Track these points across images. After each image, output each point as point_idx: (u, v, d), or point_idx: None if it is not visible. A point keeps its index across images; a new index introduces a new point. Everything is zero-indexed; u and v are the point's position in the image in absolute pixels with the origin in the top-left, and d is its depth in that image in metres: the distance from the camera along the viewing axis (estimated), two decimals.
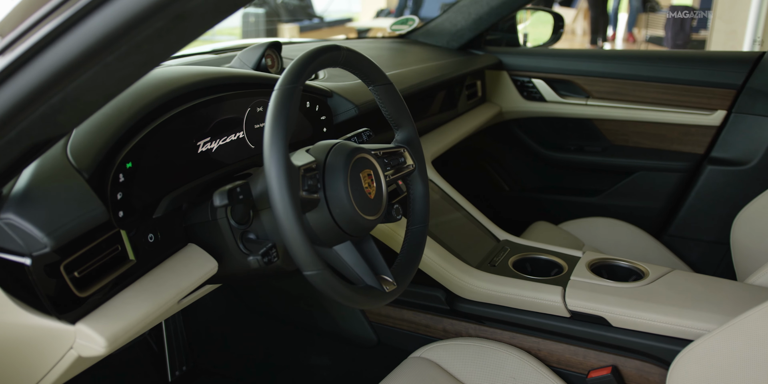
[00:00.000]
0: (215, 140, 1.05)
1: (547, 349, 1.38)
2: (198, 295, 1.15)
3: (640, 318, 1.28)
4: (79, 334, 0.82)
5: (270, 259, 0.93)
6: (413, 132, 1.14)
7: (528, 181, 2.55)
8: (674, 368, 1.11)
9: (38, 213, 0.75)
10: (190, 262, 0.99)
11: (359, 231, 0.98)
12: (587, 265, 1.45)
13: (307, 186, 0.88)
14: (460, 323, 1.47)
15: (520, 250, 1.57)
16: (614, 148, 2.32)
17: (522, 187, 2.55)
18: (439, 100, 2.02)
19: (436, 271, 1.45)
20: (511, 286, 1.40)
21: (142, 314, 0.87)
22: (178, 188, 0.98)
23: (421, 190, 1.14)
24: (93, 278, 0.86)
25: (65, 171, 0.81)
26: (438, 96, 2.00)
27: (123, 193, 0.87)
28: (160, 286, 0.92)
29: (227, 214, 0.98)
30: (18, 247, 0.75)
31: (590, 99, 2.23)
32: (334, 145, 0.97)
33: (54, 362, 0.86)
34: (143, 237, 0.94)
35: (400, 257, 1.10)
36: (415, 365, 1.32)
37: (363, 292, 0.95)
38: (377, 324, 1.59)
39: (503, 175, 2.56)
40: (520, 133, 2.46)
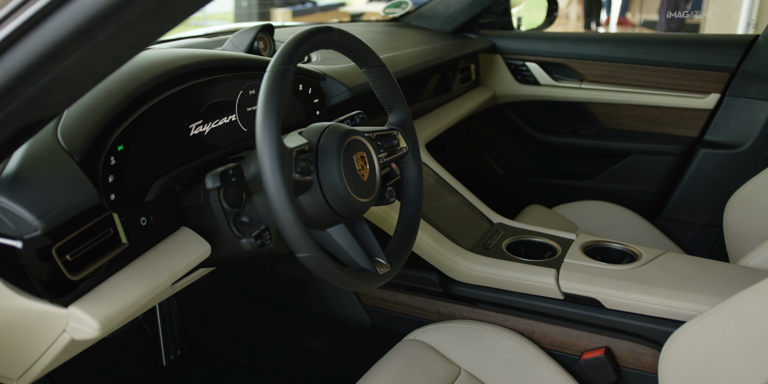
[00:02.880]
0: (207, 123, 1.04)
1: (540, 331, 1.39)
2: (192, 278, 1.15)
3: (633, 300, 1.29)
4: (71, 317, 0.82)
5: (263, 242, 0.92)
6: (406, 114, 1.14)
7: (522, 165, 2.55)
8: (666, 349, 1.11)
9: (29, 196, 0.74)
10: (183, 245, 0.98)
11: (352, 213, 0.98)
12: (581, 247, 1.46)
13: (300, 168, 0.88)
14: (454, 306, 1.48)
15: (513, 232, 1.57)
16: (608, 131, 2.32)
17: (516, 171, 2.55)
18: (432, 84, 2.01)
19: (429, 253, 1.45)
20: (505, 268, 1.40)
21: (135, 297, 0.87)
22: (170, 171, 0.97)
23: (415, 173, 1.14)
24: (85, 261, 0.85)
25: (56, 154, 0.80)
26: (432, 80, 2.00)
27: (114, 175, 0.86)
28: (152, 269, 0.92)
29: (220, 197, 0.98)
30: (9, 230, 0.75)
31: (584, 82, 2.23)
32: (326, 128, 0.97)
33: (47, 345, 0.86)
34: (135, 220, 0.93)
35: (394, 240, 1.10)
36: (409, 347, 1.32)
37: (356, 274, 0.95)
38: (371, 307, 1.59)
39: (497, 159, 2.56)
40: (514, 117, 2.46)
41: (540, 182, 2.46)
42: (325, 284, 1.65)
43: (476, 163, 2.58)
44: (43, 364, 0.90)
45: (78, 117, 0.85)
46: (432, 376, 1.25)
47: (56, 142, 0.81)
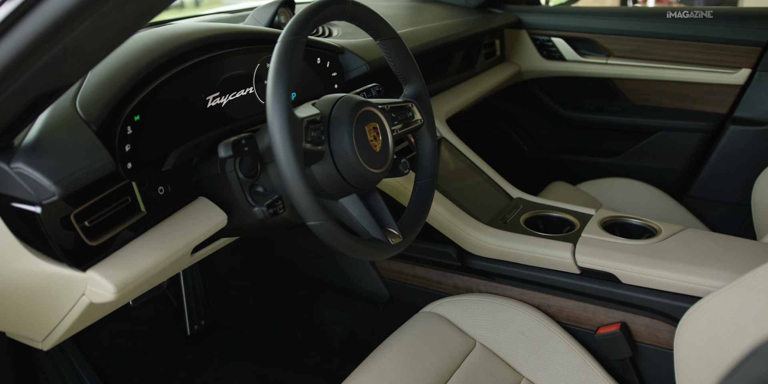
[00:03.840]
0: (224, 95, 1.06)
1: (556, 305, 1.39)
2: (212, 248, 1.18)
3: (650, 275, 1.28)
4: (89, 281, 0.85)
5: (276, 211, 0.94)
6: (421, 87, 1.14)
7: (547, 142, 2.53)
8: (683, 324, 1.11)
9: (47, 162, 0.77)
10: (199, 215, 1.01)
11: (364, 184, 0.99)
12: (599, 222, 1.45)
13: (311, 137, 0.89)
14: (471, 279, 1.49)
15: (532, 207, 1.57)
16: (635, 107, 2.29)
17: (541, 148, 2.53)
18: (457, 60, 2.00)
19: (447, 227, 1.46)
20: (522, 242, 1.41)
21: (151, 263, 0.90)
22: (187, 142, 0.99)
23: (429, 145, 1.15)
24: (103, 228, 0.88)
25: (74, 123, 0.83)
26: (456, 56, 1.99)
27: (131, 145, 0.89)
28: (169, 236, 0.95)
29: (236, 167, 1.00)
30: (29, 196, 0.78)
31: (611, 58, 2.20)
32: (339, 99, 0.98)
33: (68, 308, 0.90)
34: (153, 189, 0.96)
35: (407, 211, 1.11)
36: (425, 319, 1.34)
37: (368, 243, 0.97)
38: (390, 280, 1.61)
39: (522, 135, 2.55)
40: (539, 93, 2.44)
41: (565, 159, 2.45)
42: (345, 257, 1.67)
43: (501, 140, 2.57)
44: (65, 327, 0.93)
45: (96, 88, 0.87)
46: (447, 348, 1.26)
47: (74, 111, 0.84)
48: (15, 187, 0.78)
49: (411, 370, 1.19)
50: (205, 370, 1.80)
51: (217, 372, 1.79)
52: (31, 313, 0.93)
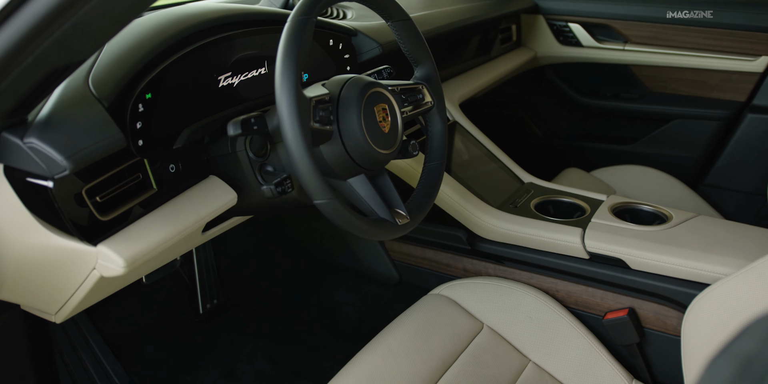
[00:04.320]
0: (236, 75, 1.07)
1: (565, 290, 1.40)
2: (224, 227, 1.19)
3: (659, 261, 1.28)
4: (100, 255, 0.87)
5: (284, 189, 0.95)
6: (432, 69, 1.15)
7: (561, 128, 2.52)
8: (690, 311, 1.11)
9: (59, 138, 0.79)
10: (210, 193, 1.02)
11: (373, 164, 1.00)
12: (610, 208, 1.45)
13: (319, 117, 0.90)
14: (480, 263, 1.50)
15: (543, 192, 1.57)
16: (651, 95, 2.27)
17: (555, 134, 2.52)
18: (472, 45, 2.00)
19: (457, 210, 1.47)
20: (532, 226, 1.41)
21: (161, 239, 0.91)
22: (199, 121, 1.01)
23: (439, 128, 1.15)
24: (114, 204, 0.90)
25: (86, 99, 0.84)
26: (472, 40, 1.98)
27: (142, 122, 0.90)
28: (179, 213, 0.96)
29: (246, 146, 1.01)
30: (41, 171, 0.79)
31: (628, 44, 2.18)
32: (349, 79, 0.99)
33: (79, 282, 0.92)
34: (165, 167, 0.97)
35: (416, 192, 1.12)
36: (433, 301, 1.35)
37: (375, 223, 0.98)
38: (399, 262, 1.62)
39: (537, 121, 2.54)
40: (555, 79, 2.42)
41: (580, 146, 2.44)
42: (355, 239, 1.68)
43: (516, 126, 2.57)
44: (76, 300, 0.95)
45: (109, 65, 0.89)
46: (454, 330, 1.27)
47: (87, 88, 0.85)
48: (28, 161, 0.80)
49: (417, 350, 1.20)
50: (216, 347, 1.83)
51: (227, 350, 1.82)
52: (44, 287, 0.96)
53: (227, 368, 1.76)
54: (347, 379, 1.12)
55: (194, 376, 1.72)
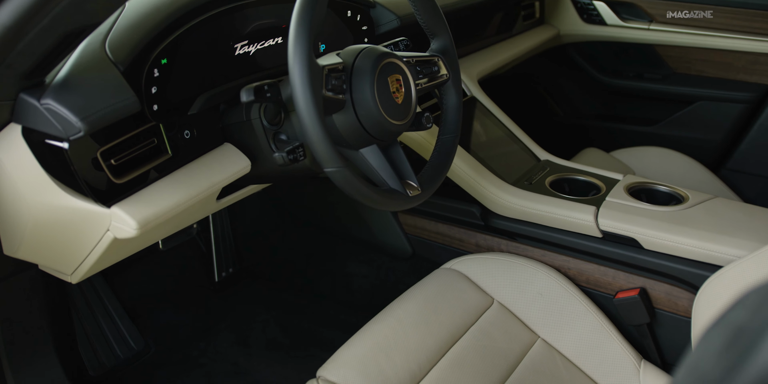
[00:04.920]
0: (253, 44, 1.07)
1: (576, 268, 1.40)
2: (239, 196, 1.21)
3: (672, 241, 1.27)
4: (114, 216, 0.88)
5: (296, 157, 0.96)
6: (449, 41, 1.14)
7: (582, 107, 2.50)
8: (702, 293, 1.11)
9: (74, 99, 0.80)
10: (224, 159, 1.03)
11: (385, 135, 1.00)
12: (625, 187, 1.44)
13: (331, 85, 0.90)
14: (493, 239, 1.50)
15: (559, 170, 1.56)
16: (676, 76, 2.24)
17: (576, 113, 2.50)
18: (495, 21, 1.98)
19: (472, 186, 1.47)
20: (545, 203, 1.41)
21: (174, 203, 0.93)
22: (214, 88, 1.02)
23: (454, 101, 1.15)
24: (129, 167, 0.92)
25: (102, 63, 0.85)
26: (494, 17, 1.97)
27: (157, 87, 0.91)
28: (193, 178, 0.98)
29: (261, 115, 1.02)
30: (57, 132, 0.81)
31: (653, 23, 2.15)
32: (363, 49, 0.99)
33: (94, 243, 0.94)
34: (180, 133, 0.99)
35: (428, 165, 1.12)
36: (444, 275, 1.35)
37: (385, 194, 0.98)
38: (413, 236, 1.63)
39: (557, 100, 2.51)
40: (578, 58, 2.39)
41: (600, 126, 2.41)
42: (369, 212, 1.69)
43: (536, 104, 2.55)
44: (91, 261, 0.98)
45: (126, 30, 0.90)
46: (464, 304, 1.28)
47: (104, 52, 0.86)
48: (45, 122, 0.81)
49: (426, 322, 1.21)
50: (230, 315, 1.86)
51: (241, 318, 1.85)
52: (60, 247, 0.98)
53: (240, 335, 1.79)
54: (355, 348, 1.13)
55: (207, 342, 1.76)
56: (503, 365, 1.20)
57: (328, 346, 1.18)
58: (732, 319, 0.35)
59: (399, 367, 1.12)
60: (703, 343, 0.35)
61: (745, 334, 0.33)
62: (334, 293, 1.89)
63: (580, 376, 1.22)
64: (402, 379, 1.10)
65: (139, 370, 1.64)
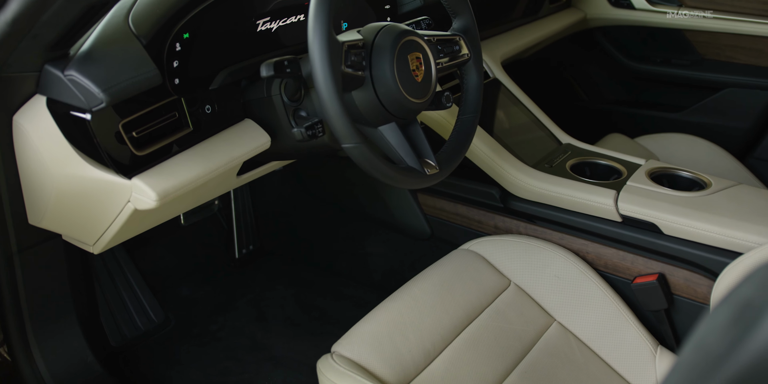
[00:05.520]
0: (275, 21, 1.08)
1: (595, 252, 1.39)
2: (259, 172, 1.22)
3: (693, 227, 1.26)
4: (134, 188, 0.90)
5: (314, 133, 0.97)
6: (471, 21, 1.13)
7: (608, 92, 2.47)
8: (721, 279, 1.10)
9: (97, 71, 0.81)
10: (244, 135, 1.05)
11: (404, 113, 1.00)
12: (647, 172, 1.43)
13: (351, 61, 0.91)
14: (512, 221, 1.50)
15: (580, 154, 1.55)
16: (704, 61, 2.20)
17: (601, 98, 2.48)
18: (521, 4, 1.96)
19: (491, 167, 1.47)
20: (565, 186, 1.40)
21: (193, 176, 0.94)
22: (235, 64, 1.03)
23: (475, 81, 1.15)
24: (150, 140, 0.93)
25: (125, 36, 0.87)
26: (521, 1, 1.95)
27: (179, 61, 0.92)
28: (213, 152, 0.99)
29: (281, 91, 1.02)
30: (80, 103, 0.83)
31: (683, 8, 2.11)
32: (384, 26, 0.99)
33: (115, 214, 0.96)
34: (201, 107, 1.00)
35: (447, 144, 1.12)
36: (462, 256, 1.36)
37: (403, 171, 0.99)
38: (432, 217, 1.63)
39: (583, 85, 2.49)
40: (604, 42, 2.36)
41: (626, 111, 2.39)
42: (388, 191, 1.70)
43: (561, 88, 2.52)
44: (113, 232, 1.00)
45: (149, 4, 0.91)
46: (480, 285, 1.28)
47: (127, 26, 0.88)
48: (68, 93, 0.83)
49: (442, 301, 1.22)
50: (250, 292, 1.89)
51: (260, 295, 1.88)
52: (83, 217, 1.00)
53: (259, 311, 1.82)
54: (370, 325, 1.14)
55: (226, 317, 1.79)
56: (518, 347, 1.20)
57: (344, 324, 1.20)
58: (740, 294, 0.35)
59: (413, 345, 1.13)
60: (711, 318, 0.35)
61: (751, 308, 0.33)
62: (352, 272, 1.91)
63: (596, 361, 1.22)
64: (416, 356, 1.11)
65: (158, 341, 1.68)
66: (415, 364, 1.10)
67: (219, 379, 1.58)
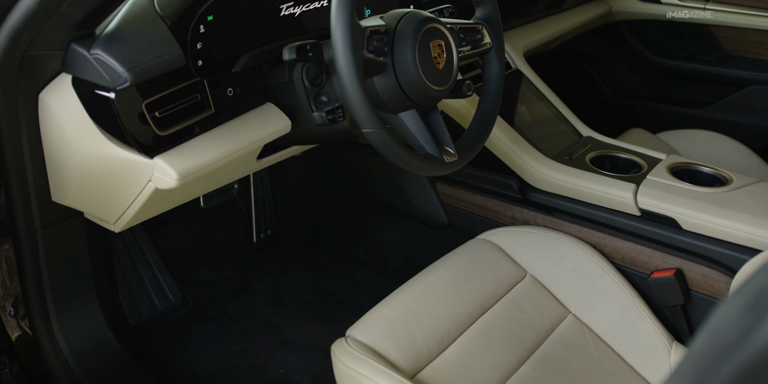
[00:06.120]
0: (298, 5, 1.08)
1: (612, 245, 1.39)
2: (279, 157, 1.23)
3: (712, 223, 1.25)
4: (156, 167, 0.91)
5: (335, 118, 0.97)
6: (494, 9, 1.13)
7: (631, 87, 2.45)
8: (739, 277, 1.10)
9: (122, 51, 0.83)
10: (265, 118, 1.05)
11: (425, 100, 1.00)
12: (668, 167, 1.42)
13: (372, 47, 0.91)
14: (530, 212, 1.49)
15: (601, 147, 1.54)
16: (730, 58, 2.17)
17: (624, 93, 2.46)
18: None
19: (510, 158, 1.46)
20: (584, 179, 1.40)
21: (214, 157, 0.95)
22: (258, 47, 1.03)
23: (497, 70, 1.14)
24: (173, 121, 0.94)
25: (151, 17, 0.88)
26: None
27: (203, 43, 0.93)
28: (234, 135, 1.00)
29: (303, 75, 1.03)
30: (105, 82, 0.84)
31: (710, 2, 2.08)
32: (407, 13, 0.99)
33: (137, 193, 0.97)
34: (223, 90, 1.01)
35: (467, 132, 1.12)
36: (478, 245, 1.36)
37: (422, 158, 0.99)
38: (449, 206, 1.63)
39: (606, 79, 2.47)
40: (629, 36, 2.34)
41: (648, 107, 2.37)
42: (407, 179, 1.70)
43: (583, 82, 2.50)
44: (133, 211, 1.01)
45: None
46: (496, 275, 1.28)
47: (152, 7, 0.89)
48: (93, 72, 0.84)
49: (457, 289, 1.22)
50: (267, 276, 1.91)
51: (277, 279, 1.89)
52: (105, 195, 1.01)
53: (275, 295, 1.84)
54: (385, 311, 1.15)
55: (243, 300, 1.81)
56: (532, 338, 1.20)
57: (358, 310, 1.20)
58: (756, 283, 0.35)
59: (427, 332, 1.13)
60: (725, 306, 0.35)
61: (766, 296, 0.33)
62: (368, 260, 1.92)
63: (610, 354, 1.22)
64: (429, 343, 1.12)
65: (175, 322, 1.70)
66: (428, 351, 1.11)
67: (234, 361, 1.60)
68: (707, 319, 0.36)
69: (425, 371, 1.09)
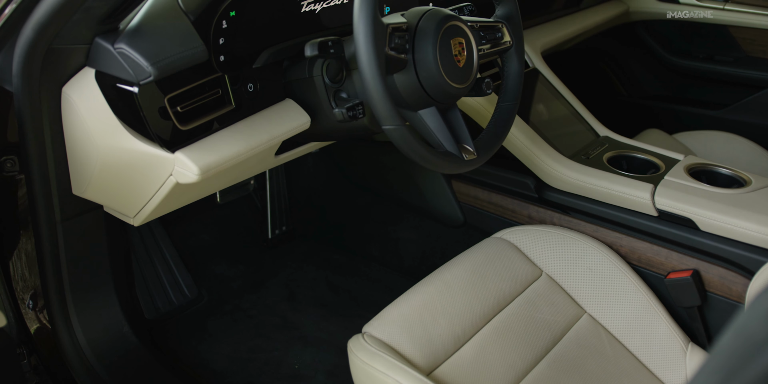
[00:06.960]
0: (319, 2, 1.09)
1: (629, 245, 1.38)
2: (297, 153, 1.23)
3: (731, 224, 1.24)
4: (177, 161, 0.92)
5: (355, 114, 0.98)
6: (514, 8, 1.13)
7: (648, 88, 2.44)
8: (757, 278, 1.09)
9: (146, 45, 0.83)
10: (285, 114, 1.06)
11: (445, 97, 1.00)
12: (686, 168, 1.41)
13: (394, 44, 0.91)
14: (546, 211, 1.49)
15: (618, 147, 1.54)
16: (748, 59, 2.16)
17: (641, 93, 2.44)
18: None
19: (528, 157, 1.46)
20: (602, 178, 1.39)
21: (234, 152, 0.96)
22: (279, 43, 1.04)
23: (516, 68, 1.14)
24: (194, 115, 0.95)
25: (174, 12, 0.88)
26: None
27: (225, 38, 0.94)
28: (254, 130, 1.00)
29: (323, 72, 1.03)
30: (129, 76, 0.84)
31: (729, 3, 2.07)
32: (428, 10, 0.99)
33: (157, 187, 0.98)
34: (244, 86, 1.01)
35: (486, 130, 1.12)
36: (494, 244, 1.36)
37: (441, 155, 0.99)
38: (465, 204, 1.63)
39: (622, 79, 2.46)
40: (646, 36, 2.33)
41: (665, 107, 2.35)
42: (423, 177, 1.70)
43: (599, 82, 2.50)
44: (153, 205, 1.02)
45: None
46: (512, 274, 1.28)
47: (176, 2, 0.89)
48: (117, 66, 0.85)
49: (473, 288, 1.22)
50: (281, 272, 1.92)
51: (291, 275, 1.90)
52: (126, 189, 1.02)
53: (289, 291, 1.84)
54: (402, 307, 1.15)
55: (258, 295, 1.82)
56: (547, 337, 1.20)
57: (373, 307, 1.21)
58: None
59: (443, 329, 1.13)
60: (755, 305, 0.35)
61: None
62: (383, 257, 1.92)
63: (625, 354, 1.22)
64: (445, 340, 1.12)
65: (191, 316, 1.71)
66: (444, 348, 1.11)
67: (249, 356, 1.61)
68: (734, 318, 0.36)
69: (441, 368, 1.09)
